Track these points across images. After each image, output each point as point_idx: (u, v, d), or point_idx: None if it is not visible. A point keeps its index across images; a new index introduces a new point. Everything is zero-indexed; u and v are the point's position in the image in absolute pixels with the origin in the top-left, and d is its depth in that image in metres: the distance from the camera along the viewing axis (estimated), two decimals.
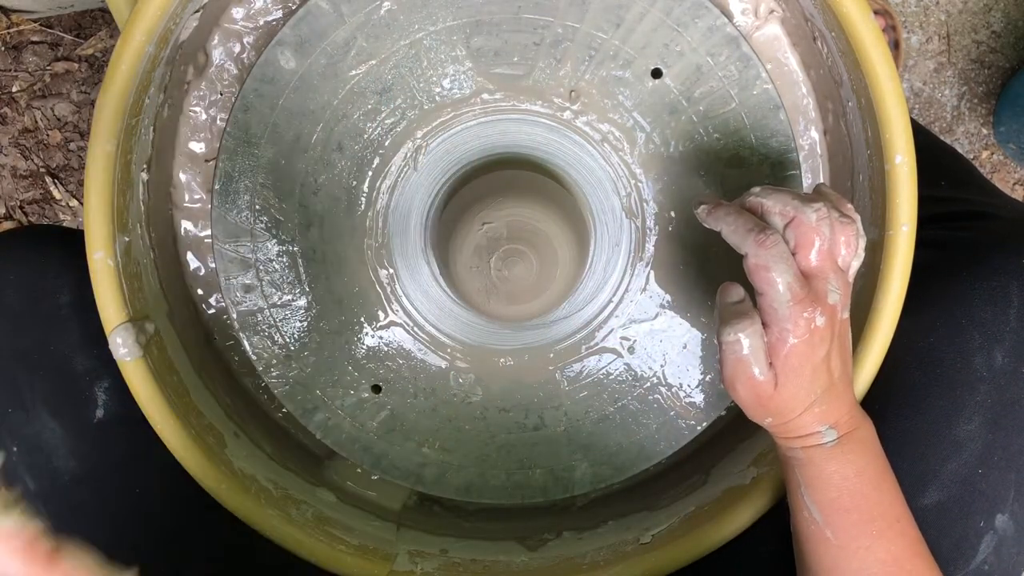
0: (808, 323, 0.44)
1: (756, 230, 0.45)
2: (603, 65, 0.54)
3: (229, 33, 0.56)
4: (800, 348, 0.44)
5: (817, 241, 0.45)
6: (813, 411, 0.46)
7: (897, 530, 0.47)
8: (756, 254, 0.44)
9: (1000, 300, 0.51)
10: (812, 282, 0.45)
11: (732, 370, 0.46)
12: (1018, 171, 1.05)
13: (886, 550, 0.46)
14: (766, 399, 0.46)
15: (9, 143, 1.00)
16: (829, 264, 0.45)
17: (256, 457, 0.57)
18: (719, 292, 0.48)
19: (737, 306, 0.46)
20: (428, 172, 0.57)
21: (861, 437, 0.48)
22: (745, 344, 0.45)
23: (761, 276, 0.44)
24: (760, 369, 0.45)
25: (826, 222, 0.45)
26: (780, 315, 0.44)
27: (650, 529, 0.57)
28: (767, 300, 0.44)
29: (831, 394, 0.47)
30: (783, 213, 0.45)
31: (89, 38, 0.99)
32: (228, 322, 0.61)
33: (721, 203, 0.48)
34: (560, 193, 0.55)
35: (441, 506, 0.63)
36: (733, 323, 0.45)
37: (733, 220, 0.46)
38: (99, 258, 0.50)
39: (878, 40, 0.49)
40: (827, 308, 0.45)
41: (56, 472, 0.54)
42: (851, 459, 0.47)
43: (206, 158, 0.59)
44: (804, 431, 0.47)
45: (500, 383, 0.59)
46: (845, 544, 0.47)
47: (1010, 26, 1.00)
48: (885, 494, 0.47)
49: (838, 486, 0.47)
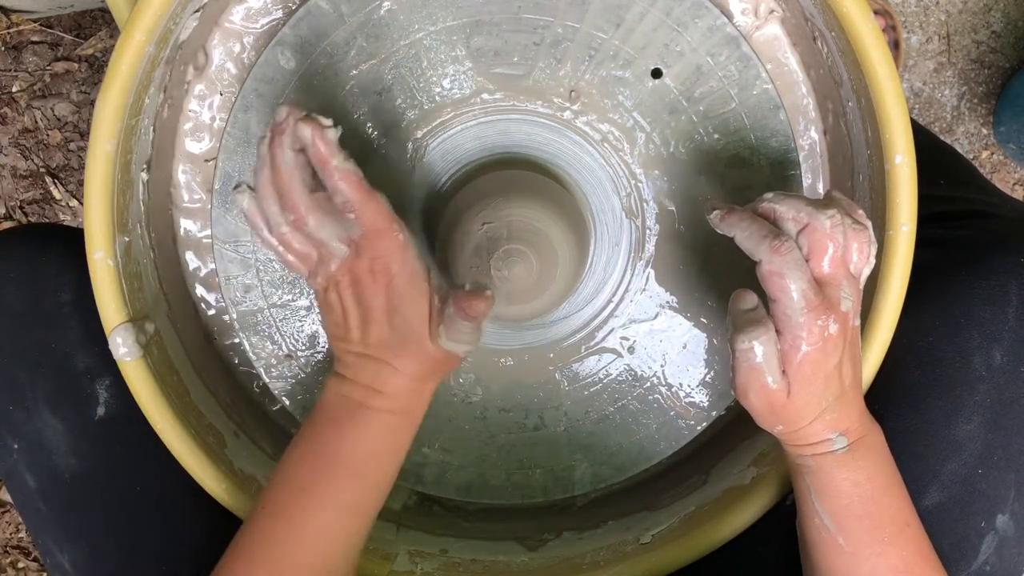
0: (822, 331, 0.44)
1: (771, 236, 0.44)
2: (603, 65, 0.54)
3: (229, 33, 0.56)
4: (813, 356, 0.44)
5: (831, 248, 0.44)
6: (824, 419, 0.46)
7: (907, 536, 0.47)
8: (771, 260, 0.44)
9: (999, 299, 0.51)
10: (825, 289, 0.45)
11: (745, 378, 0.45)
12: (1018, 171, 1.05)
13: (897, 556, 0.46)
14: (779, 407, 0.46)
15: (9, 143, 1.00)
16: (842, 271, 0.45)
17: (256, 457, 0.57)
18: (732, 299, 0.48)
19: (751, 313, 0.46)
20: (428, 172, 0.57)
21: (871, 443, 0.48)
22: (759, 352, 0.44)
23: (775, 283, 0.44)
24: (773, 378, 0.45)
25: (839, 229, 0.44)
26: (794, 322, 0.44)
27: (650, 529, 0.57)
28: (781, 307, 0.44)
29: (842, 401, 0.46)
30: (796, 219, 0.45)
31: (89, 38, 0.99)
32: (228, 322, 0.61)
33: (734, 208, 0.47)
34: (560, 193, 0.55)
35: (441, 506, 0.63)
36: (748, 330, 0.45)
37: (748, 226, 0.46)
38: (99, 258, 0.50)
39: (878, 40, 0.49)
40: (840, 315, 0.45)
41: (57, 470, 0.54)
42: (862, 466, 0.47)
43: (206, 158, 0.59)
44: (815, 439, 0.47)
45: (500, 383, 0.59)
46: (857, 551, 0.47)
47: (1010, 26, 1.00)
48: (895, 500, 0.47)
49: (849, 493, 0.47)
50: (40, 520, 0.55)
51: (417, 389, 0.48)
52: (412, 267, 0.46)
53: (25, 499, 0.55)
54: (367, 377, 0.47)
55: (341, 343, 0.48)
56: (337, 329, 0.48)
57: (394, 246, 0.46)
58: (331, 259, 0.46)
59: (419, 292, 0.47)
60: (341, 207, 0.45)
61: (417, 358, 0.47)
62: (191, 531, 0.55)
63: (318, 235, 0.46)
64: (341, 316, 0.47)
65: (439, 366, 0.48)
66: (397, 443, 0.49)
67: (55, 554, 0.55)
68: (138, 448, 0.54)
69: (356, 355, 0.48)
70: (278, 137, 0.45)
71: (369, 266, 0.46)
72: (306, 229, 0.46)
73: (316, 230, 0.46)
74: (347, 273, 0.46)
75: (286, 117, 0.44)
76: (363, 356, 0.47)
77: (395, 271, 0.46)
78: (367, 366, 0.47)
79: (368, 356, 0.47)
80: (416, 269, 0.47)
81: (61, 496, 0.54)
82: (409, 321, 0.46)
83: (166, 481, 0.54)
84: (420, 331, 0.47)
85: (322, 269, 0.47)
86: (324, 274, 0.47)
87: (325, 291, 0.48)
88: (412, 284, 0.46)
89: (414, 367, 0.47)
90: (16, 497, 0.56)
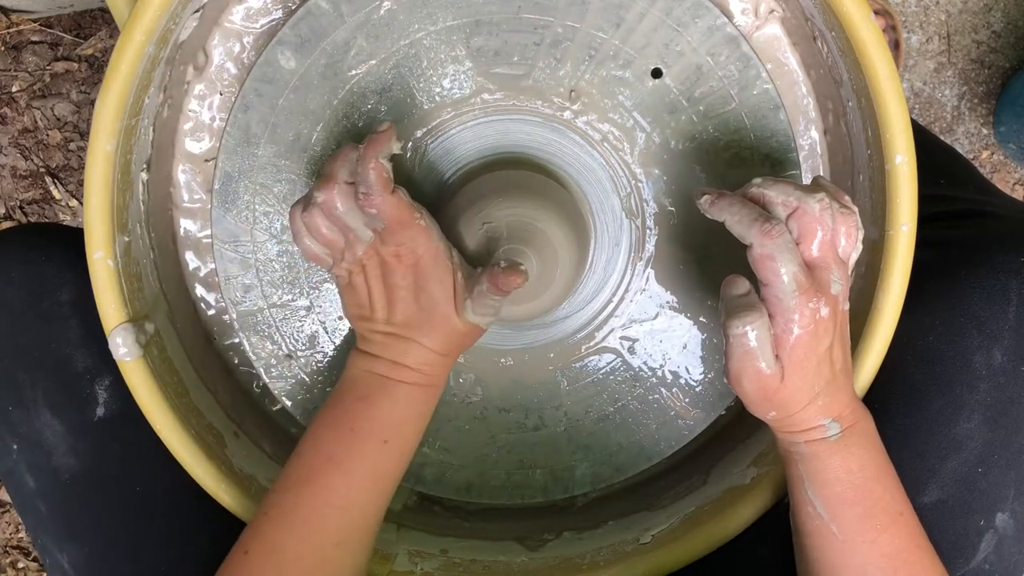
0: (813, 313, 0.44)
1: (761, 220, 0.45)
2: (603, 65, 0.54)
3: (229, 33, 0.56)
4: (805, 339, 0.44)
5: (820, 231, 0.45)
6: (816, 403, 0.46)
7: (900, 523, 0.47)
8: (762, 244, 0.44)
9: (999, 299, 0.51)
10: (815, 272, 0.45)
11: (739, 364, 0.46)
12: (1018, 171, 1.05)
13: (890, 543, 0.46)
14: (772, 392, 0.46)
15: (9, 143, 1.00)
16: (831, 255, 0.45)
17: (256, 457, 0.57)
18: (724, 284, 0.48)
19: (743, 298, 0.46)
20: (428, 172, 0.57)
21: (863, 430, 0.48)
22: (752, 337, 0.44)
23: (767, 266, 0.44)
24: (767, 362, 0.45)
25: (828, 212, 0.45)
26: (786, 305, 0.44)
27: (650, 529, 0.57)
28: (772, 291, 0.44)
29: (833, 386, 0.47)
30: (786, 204, 0.45)
31: (89, 38, 0.99)
32: (228, 322, 0.61)
33: (724, 193, 0.48)
34: (560, 193, 0.55)
35: (441, 506, 0.63)
36: (741, 315, 0.45)
37: (738, 210, 0.46)
38: (99, 258, 0.50)
39: (878, 40, 0.49)
40: (830, 299, 0.45)
41: (56, 470, 0.54)
42: (854, 452, 0.47)
43: (206, 158, 0.59)
44: (807, 424, 0.47)
45: (500, 383, 0.59)
46: (849, 538, 0.47)
47: (1010, 26, 1.00)
48: (888, 488, 0.47)
49: (842, 480, 0.47)
50: (39, 520, 0.55)
51: (441, 362, 0.51)
52: (436, 248, 0.49)
53: (24, 499, 0.55)
54: (393, 353, 0.50)
55: (366, 323, 0.50)
56: (362, 310, 0.50)
57: (417, 232, 0.48)
58: (357, 243, 0.48)
59: (444, 270, 0.49)
60: (363, 200, 0.46)
61: (443, 332, 0.49)
62: (190, 531, 0.55)
63: (346, 220, 0.47)
64: (366, 297, 0.50)
65: (463, 339, 0.51)
66: (422, 413, 0.51)
67: (54, 554, 0.55)
68: (138, 448, 0.54)
69: (382, 334, 0.50)
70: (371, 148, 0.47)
71: (395, 251, 0.48)
72: (335, 213, 0.47)
73: (344, 215, 0.47)
74: (373, 256, 0.49)
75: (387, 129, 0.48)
76: (389, 335, 0.50)
77: (420, 252, 0.48)
78: (393, 343, 0.50)
79: (394, 334, 0.50)
80: (440, 249, 0.49)
81: (60, 496, 0.54)
82: (435, 299, 0.49)
83: (165, 481, 0.55)
84: (446, 307, 0.49)
85: (348, 254, 0.49)
86: (351, 259, 0.49)
87: (350, 275, 0.50)
88: (437, 264, 0.49)
89: (439, 342, 0.50)
90: (15, 497, 0.56)
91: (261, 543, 0.47)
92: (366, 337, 0.51)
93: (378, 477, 0.49)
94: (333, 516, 0.47)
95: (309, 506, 0.47)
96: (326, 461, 0.48)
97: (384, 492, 0.50)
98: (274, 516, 0.47)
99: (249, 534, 0.47)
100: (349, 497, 0.48)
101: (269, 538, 0.47)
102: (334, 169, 0.48)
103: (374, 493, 0.49)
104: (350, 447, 0.48)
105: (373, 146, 0.46)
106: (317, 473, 0.48)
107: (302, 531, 0.47)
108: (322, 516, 0.47)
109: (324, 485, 0.48)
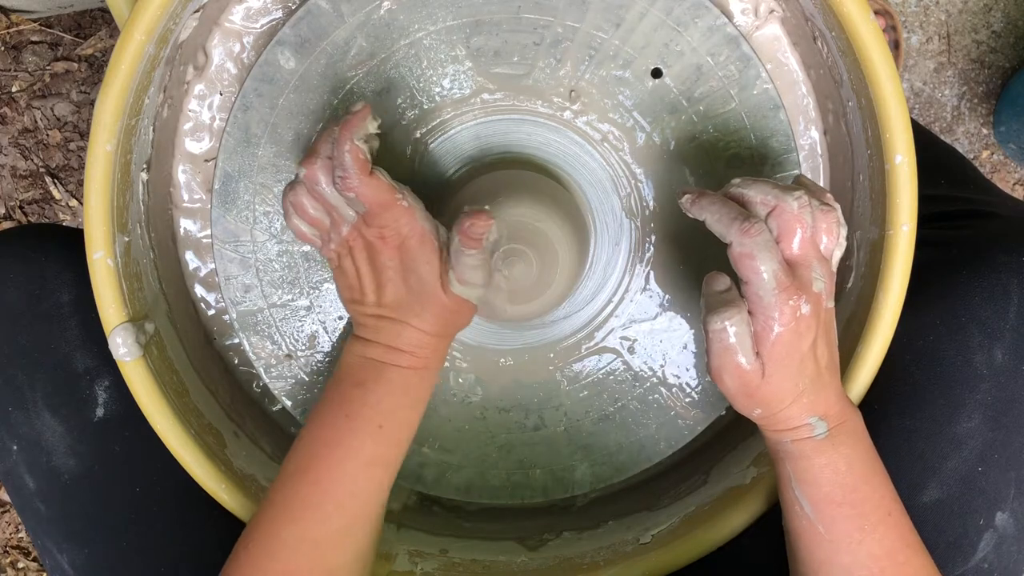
0: (793, 311, 0.44)
1: (740, 218, 0.45)
2: (603, 65, 0.54)
3: (229, 33, 0.56)
4: (786, 336, 0.44)
5: (799, 229, 0.45)
6: (802, 401, 0.46)
7: (889, 523, 0.47)
8: (741, 242, 0.44)
9: (1000, 298, 0.51)
10: (796, 270, 0.45)
11: (719, 359, 0.46)
12: (1018, 171, 1.05)
13: (878, 543, 0.46)
14: (754, 389, 0.46)
15: (9, 143, 1.00)
16: (812, 252, 0.45)
17: (256, 457, 0.57)
18: (705, 281, 0.48)
19: (723, 295, 0.46)
20: (428, 172, 0.57)
21: (851, 429, 0.48)
22: (731, 332, 0.45)
23: (746, 264, 0.44)
24: (747, 358, 0.45)
25: (807, 210, 0.45)
26: (766, 303, 0.44)
27: (650, 529, 0.57)
28: (752, 288, 0.45)
29: (818, 384, 0.47)
30: (764, 202, 0.46)
31: (89, 38, 0.99)
32: (228, 322, 0.61)
33: (705, 192, 0.48)
34: (560, 193, 0.55)
35: (441, 506, 0.63)
36: (720, 311, 0.45)
37: (717, 209, 0.46)
38: (99, 258, 0.50)
39: (878, 40, 0.49)
40: (812, 296, 0.45)
41: (56, 471, 0.54)
42: (842, 452, 0.47)
43: (206, 158, 0.59)
44: (794, 423, 0.47)
45: (500, 383, 0.59)
46: (836, 539, 0.47)
47: (1010, 26, 1.00)
48: (876, 487, 0.47)
49: (829, 480, 0.47)
50: (39, 521, 0.55)
51: (435, 343, 0.51)
52: (421, 227, 0.49)
53: (24, 500, 0.55)
54: (386, 337, 0.50)
55: (357, 306, 0.50)
56: (352, 293, 0.50)
57: (399, 213, 0.48)
58: (342, 223, 0.49)
59: (431, 249, 0.49)
60: (340, 184, 0.46)
61: (433, 312, 0.49)
62: (190, 531, 0.55)
63: (328, 198, 0.48)
64: (356, 280, 0.50)
65: (454, 318, 0.51)
66: (418, 397, 0.51)
67: (54, 554, 0.55)
68: (137, 448, 0.55)
69: (374, 317, 0.50)
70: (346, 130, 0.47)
71: (379, 233, 0.48)
72: (318, 189, 0.47)
73: (327, 192, 0.48)
74: (359, 238, 0.49)
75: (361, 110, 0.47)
76: (380, 317, 0.50)
77: (405, 233, 0.48)
78: (385, 327, 0.50)
79: (385, 317, 0.50)
80: (425, 229, 0.49)
81: (60, 497, 0.54)
82: (423, 278, 0.49)
83: (165, 481, 0.55)
84: (434, 286, 0.49)
85: (335, 235, 0.49)
86: (337, 240, 0.49)
87: (339, 257, 0.50)
88: (423, 243, 0.49)
89: (431, 323, 0.49)
90: (15, 498, 0.56)
91: (261, 535, 0.47)
92: (360, 322, 0.51)
93: (374, 463, 0.49)
94: (330, 504, 0.47)
95: (306, 494, 0.47)
96: (322, 448, 0.48)
97: (381, 479, 0.50)
98: (273, 506, 0.47)
99: (250, 527, 0.48)
100: (345, 484, 0.48)
101: (268, 529, 0.47)
102: (318, 145, 0.48)
103: (371, 480, 0.49)
104: (345, 434, 0.48)
105: (347, 128, 0.46)
106: (313, 461, 0.48)
107: (300, 520, 0.47)
108: (319, 504, 0.47)
109: (320, 473, 0.48)
